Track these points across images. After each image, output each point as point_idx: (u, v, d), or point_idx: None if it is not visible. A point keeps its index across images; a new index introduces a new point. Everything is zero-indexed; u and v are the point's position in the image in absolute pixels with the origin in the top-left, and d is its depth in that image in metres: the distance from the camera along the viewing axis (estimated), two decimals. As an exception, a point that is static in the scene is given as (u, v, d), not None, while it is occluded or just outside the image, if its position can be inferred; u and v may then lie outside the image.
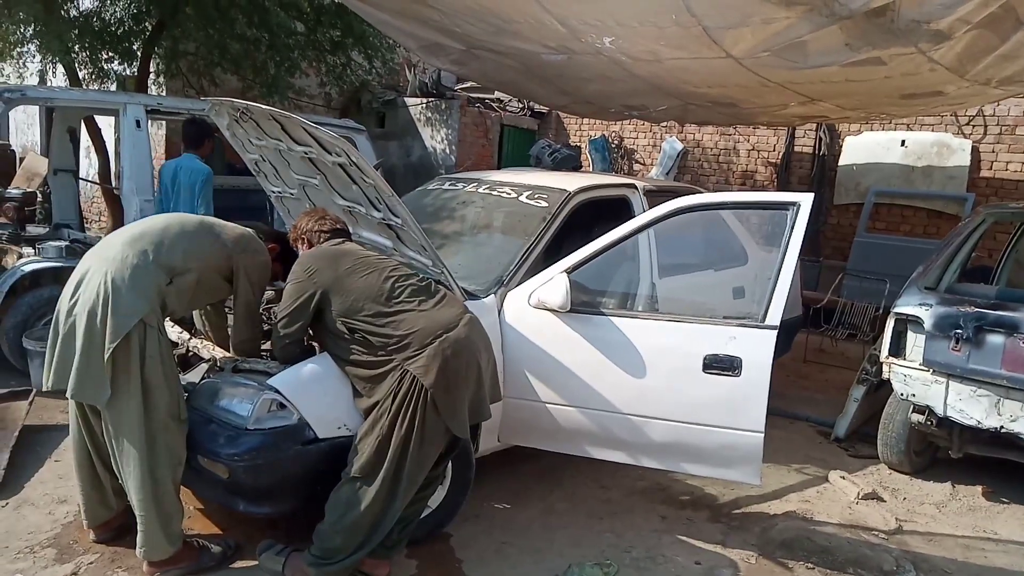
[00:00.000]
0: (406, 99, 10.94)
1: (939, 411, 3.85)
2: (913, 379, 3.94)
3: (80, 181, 6.20)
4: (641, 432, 3.11)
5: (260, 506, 2.74)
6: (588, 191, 3.94)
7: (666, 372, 3.06)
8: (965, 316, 3.73)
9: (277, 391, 2.71)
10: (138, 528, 2.62)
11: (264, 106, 3.17)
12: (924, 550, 3.40)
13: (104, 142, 7.35)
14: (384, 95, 11.04)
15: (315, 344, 3.00)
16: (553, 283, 3.17)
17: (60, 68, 8.13)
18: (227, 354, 3.13)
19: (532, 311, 3.24)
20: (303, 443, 2.70)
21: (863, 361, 4.75)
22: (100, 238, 5.54)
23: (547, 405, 3.22)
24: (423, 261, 3.22)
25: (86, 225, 7.11)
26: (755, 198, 3.74)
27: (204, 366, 3.12)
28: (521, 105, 11.34)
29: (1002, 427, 3.66)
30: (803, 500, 3.83)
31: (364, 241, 3.44)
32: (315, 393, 2.76)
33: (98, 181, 7.34)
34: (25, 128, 13.25)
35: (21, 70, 8.46)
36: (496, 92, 11.14)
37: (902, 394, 4.01)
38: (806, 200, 3.00)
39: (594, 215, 4.00)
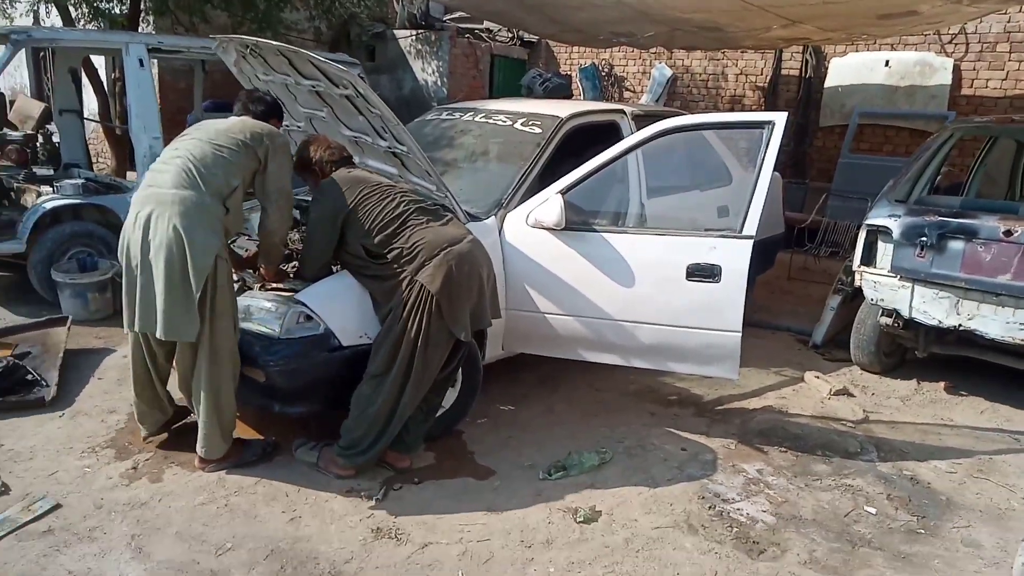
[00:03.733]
0: (395, 31, 10.89)
1: (905, 313, 4.19)
2: (882, 285, 4.27)
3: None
4: (631, 336, 3.44)
5: (293, 406, 3.09)
6: (579, 117, 4.17)
7: (653, 281, 3.37)
8: (929, 225, 4.03)
9: (304, 304, 3.02)
10: (199, 431, 2.95)
11: (273, 42, 3.37)
12: (886, 435, 3.79)
13: (101, 82, 7.42)
14: (373, 27, 10.99)
15: (333, 266, 3.29)
16: (549, 204, 3.45)
17: (51, 8, 8.10)
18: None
19: (530, 230, 3.52)
20: (329, 350, 3.02)
21: (839, 273, 5.07)
22: (110, 177, 5.75)
23: (546, 315, 3.54)
24: (427, 186, 3.48)
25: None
26: (733, 118, 4.00)
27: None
28: (511, 35, 11.31)
29: (960, 325, 4.01)
30: (780, 397, 4.21)
31: (371, 169, 3.69)
32: (338, 306, 3.08)
33: (100, 120, 7.46)
34: (12, 71, 13.11)
35: (9, 11, 8.42)
36: (485, 22, 11.11)
37: (872, 299, 4.35)
38: (780, 118, 3.24)
39: (586, 140, 4.23)
